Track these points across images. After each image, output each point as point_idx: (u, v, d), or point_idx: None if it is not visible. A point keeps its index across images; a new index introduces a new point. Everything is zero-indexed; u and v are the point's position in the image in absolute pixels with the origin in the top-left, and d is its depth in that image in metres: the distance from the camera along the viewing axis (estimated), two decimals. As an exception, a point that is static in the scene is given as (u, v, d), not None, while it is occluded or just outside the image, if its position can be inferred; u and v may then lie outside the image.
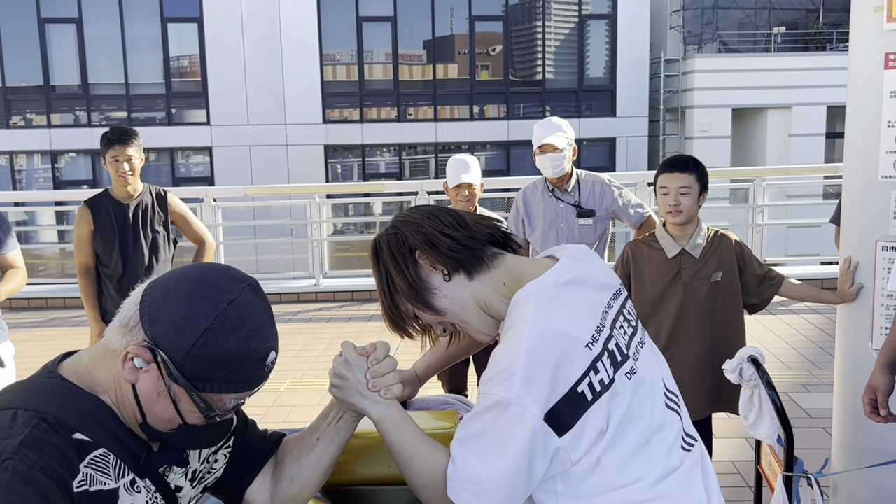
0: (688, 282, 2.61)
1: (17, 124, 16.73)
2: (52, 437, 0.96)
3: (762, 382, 2.22)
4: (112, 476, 1.02)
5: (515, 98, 17.30)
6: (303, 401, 4.46)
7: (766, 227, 7.53)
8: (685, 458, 1.20)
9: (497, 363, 1.10)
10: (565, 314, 1.12)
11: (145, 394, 1.02)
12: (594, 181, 3.45)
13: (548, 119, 3.43)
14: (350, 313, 6.85)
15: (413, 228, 1.23)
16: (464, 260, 1.21)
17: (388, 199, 10.12)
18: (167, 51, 16.45)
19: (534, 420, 1.05)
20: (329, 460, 1.27)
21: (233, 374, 1.01)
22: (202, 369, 0.99)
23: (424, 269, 1.22)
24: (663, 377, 1.26)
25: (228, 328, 0.99)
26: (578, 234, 3.40)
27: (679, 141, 17.62)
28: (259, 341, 1.03)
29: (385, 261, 1.24)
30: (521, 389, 1.05)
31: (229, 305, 1.01)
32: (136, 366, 1.00)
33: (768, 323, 5.78)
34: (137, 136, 3.33)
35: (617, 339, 1.16)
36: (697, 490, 1.19)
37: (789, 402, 4.08)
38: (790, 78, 15.95)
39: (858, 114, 2.37)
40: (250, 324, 1.02)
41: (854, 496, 2.47)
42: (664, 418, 1.18)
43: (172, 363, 0.99)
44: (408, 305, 1.24)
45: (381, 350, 1.24)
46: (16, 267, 2.86)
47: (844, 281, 2.43)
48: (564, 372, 1.07)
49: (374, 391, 1.20)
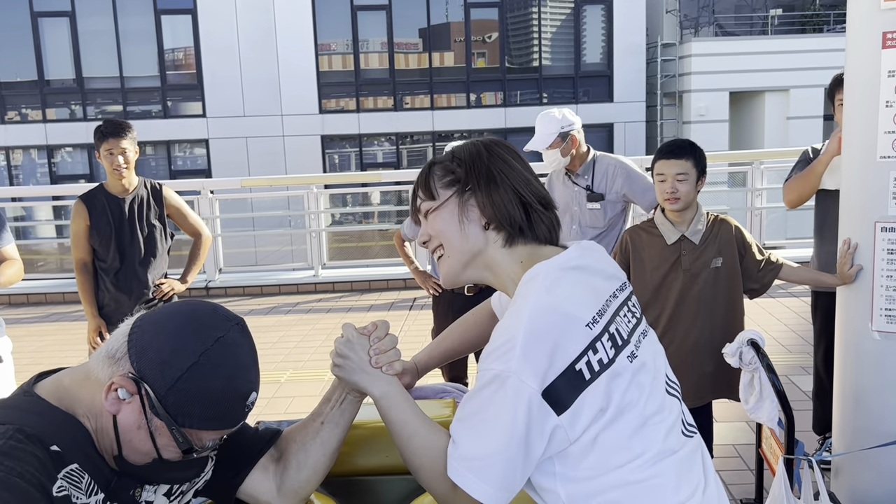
0: (687, 268, 2.59)
1: (12, 119, 16.67)
2: (29, 447, 0.97)
3: (762, 366, 2.21)
4: (84, 492, 1.02)
5: (512, 85, 17.24)
6: (303, 392, 4.46)
7: (765, 210, 7.52)
8: (686, 442, 1.20)
9: (497, 338, 1.11)
10: (568, 294, 1.13)
11: (125, 425, 1.03)
12: (609, 164, 3.47)
13: (540, 116, 3.50)
14: (349, 303, 6.85)
15: (506, 169, 1.23)
16: (517, 230, 1.22)
17: (385, 188, 10.10)
18: (161, 43, 16.37)
19: (531, 393, 1.05)
20: (335, 443, 1.27)
21: (214, 412, 1.03)
22: (184, 404, 1.00)
23: (480, 202, 1.22)
24: (664, 365, 1.27)
25: (214, 365, 1.01)
26: (589, 217, 3.45)
27: (677, 125, 17.57)
28: (242, 381, 1.05)
29: (474, 158, 1.24)
30: (520, 363, 1.06)
31: (216, 343, 1.02)
32: (119, 397, 1.01)
33: (768, 306, 5.78)
34: (131, 129, 3.32)
35: (619, 325, 1.17)
36: (697, 474, 1.19)
37: (789, 385, 4.09)
38: (787, 60, 15.89)
39: (856, 94, 2.35)
40: (235, 363, 1.04)
41: (855, 478, 2.47)
42: (664, 402, 1.19)
43: (156, 396, 1.00)
44: (436, 194, 1.24)
45: (381, 328, 1.25)
46: (11, 259, 2.85)
47: (844, 263, 2.42)
48: (563, 349, 1.07)
49: (377, 367, 1.21)
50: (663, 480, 1.13)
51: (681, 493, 1.14)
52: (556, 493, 1.13)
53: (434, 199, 1.24)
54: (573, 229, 3.51)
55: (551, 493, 1.14)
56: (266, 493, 1.26)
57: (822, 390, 3.21)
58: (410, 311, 6.34)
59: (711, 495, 1.20)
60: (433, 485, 1.16)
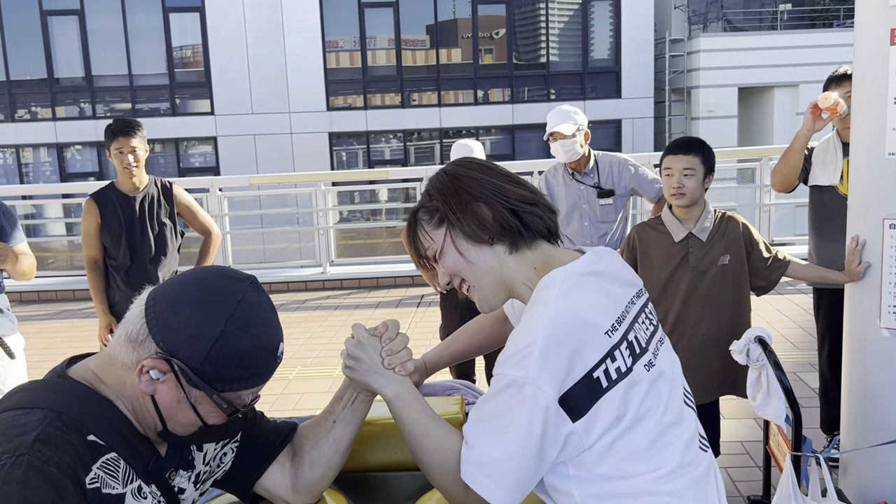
0: (695, 265, 2.60)
1: (22, 118, 16.76)
2: (67, 435, 0.97)
3: (769, 363, 2.22)
4: (120, 481, 1.03)
5: (520, 82, 17.20)
6: (312, 388, 4.48)
7: (773, 206, 7.49)
8: (702, 458, 1.19)
9: (514, 343, 1.10)
10: (587, 300, 1.12)
11: (165, 403, 1.05)
12: (611, 161, 3.63)
13: (558, 107, 3.59)
14: (358, 300, 6.86)
15: (480, 183, 1.23)
16: (515, 233, 1.22)
17: (393, 185, 10.10)
18: (170, 41, 16.42)
19: (548, 400, 1.05)
20: (347, 441, 1.29)
21: (250, 371, 1.05)
22: (220, 371, 1.03)
23: (473, 222, 1.22)
24: (681, 375, 1.26)
25: (241, 328, 1.03)
26: (601, 213, 3.56)
27: (685, 122, 17.51)
28: (269, 336, 1.07)
29: (443, 189, 1.24)
30: (538, 369, 1.05)
31: (238, 306, 1.04)
32: (152, 377, 1.03)
33: (775, 302, 5.76)
34: (141, 128, 3.34)
35: (637, 333, 1.16)
36: (711, 497, 1.19)
37: (797, 382, 4.08)
38: (797, 56, 15.79)
39: (865, 90, 2.34)
40: (259, 320, 1.06)
41: (863, 474, 2.47)
42: (682, 413, 1.18)
43: (190, 369, 1.01)
44: (433, 246, 1.24)
45: (392, 328, 1.26)
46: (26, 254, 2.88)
47: (852, 260, 2.41)
48: (582, 356, 1.06)
49: (390, 368, 1.21)
50: (681, 501, 1.12)
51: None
52: (570, 494, 1.13)
53: (433, 243, 1.24)
54: (584, 226, 3.57)
55: (565, 494, 1.14)
56: (282, 489, 1.28)
57: (826, 389, 3.20)
58: (418, 308, 6.35)
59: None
60: (445, 485, 1.17)
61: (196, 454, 1.19)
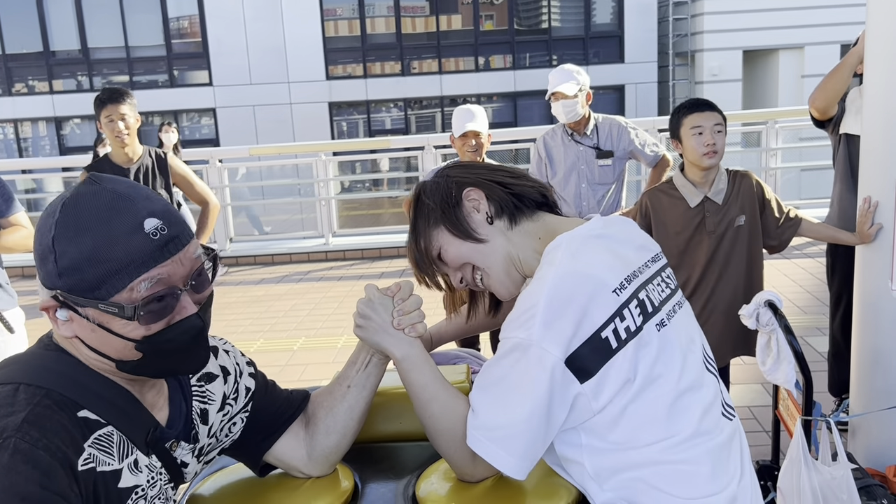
0: (712, 230, 2.53)
1: (19, 92, 16.65)
2: (56, 415, 0.93)
3: (780, 327, 2.18)
4: (115, 457, 0.98)
5: (521, 47, 17.00)
6: (316, 359, 4.47)
7: (779, 170, 7.42)
8: (725, 426, 1.14)
9: (519, 306, 1.08)
10: (593, 260, 1.09)
11: (88, 338, 0.98)
12: (611, 123, 3.65)
13: (560, 67, 3.60)
14: (360, 271, 6.84)
15: (465, 171, 1.28)
16: (511, 205, 1.22)
17: (394, 154, 10.02)
18: (166, 12, 16.22)
19: (554, 361, 1.02)
20: (362, 407, 1.26)
21: (113, 263, 0.92)
22: (82, 278, 0.93)
23: (467, 207, 1.23)
24: (702, 340, 1.21)
25: (71, 227, 0.93)
26: (599, 174, 3.59)
27: (689, 86, 17.32)
28: (116, 219, 0.93)
29: (428, 194, 1.26)
30: (542, 330, 1.02)
31: (62, 208, 0.94)
32: (60, 319, 0.97)
33: (783, 267, 5.73)
34: (130, 95, 3.30)
35: (650, 293, 1.11)
36: (734, 464, 1.13)
37: (805, 346, 4.06)
38: (802, 17, 15.56)
39: (877, 49, 2.28)
40: (93, 208, 0.94)
41: (873, 438, 2.45)
42: (701, 379, 1.13)
43: (60, 291, 0.94)
44: (434, 244, 1.24)
45: (405, 289, 1.24)
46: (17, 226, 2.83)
47: (863, 221, 2.36)
48: (589, 315, 1.03)
49: (400, 329, 1.19)
50: (697, 468, 1.07)
51: (715, 482, 1.08)
52: (581, 464, 1.10)
53: (435, 240, 1.24)
54: (582, 188, 3.60)
55: (577, 464, 1.11)
56: (297, 459, 1.25)
57: (838, 352, 3.17)
58: (422, 278, 6.33)
59: (746, 486, 1.14)
60: (450, 452, 1.14)
61: (200, 427, 1.15)
